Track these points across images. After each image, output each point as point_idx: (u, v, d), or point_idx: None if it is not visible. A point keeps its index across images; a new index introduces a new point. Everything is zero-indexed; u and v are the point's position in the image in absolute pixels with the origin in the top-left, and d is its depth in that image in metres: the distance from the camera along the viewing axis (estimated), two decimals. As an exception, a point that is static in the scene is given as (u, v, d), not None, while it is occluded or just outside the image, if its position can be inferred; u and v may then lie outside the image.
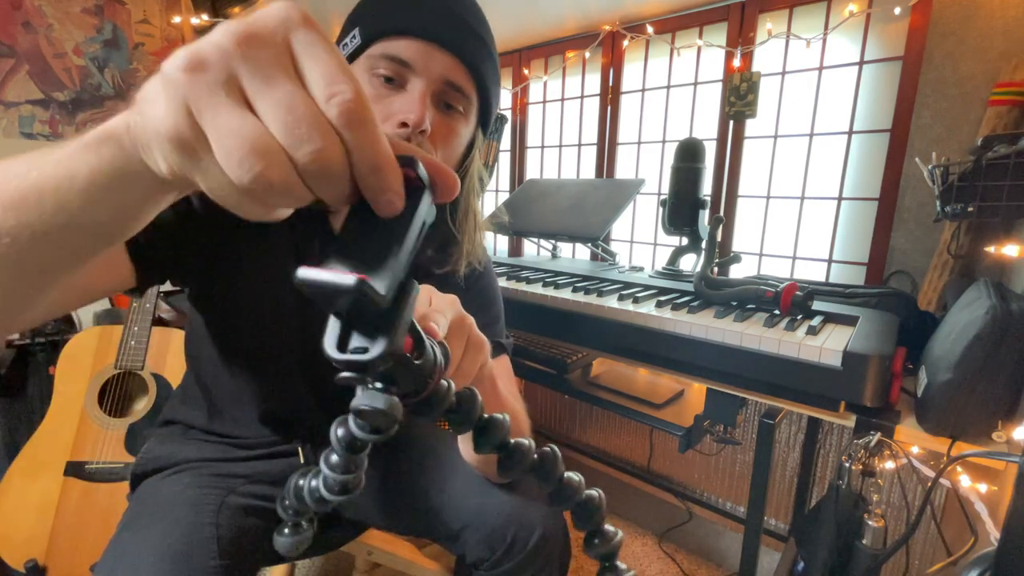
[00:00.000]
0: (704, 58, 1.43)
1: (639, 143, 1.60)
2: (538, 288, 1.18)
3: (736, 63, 1.34)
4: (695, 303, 1.01)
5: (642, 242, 1.66)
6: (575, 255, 1.75)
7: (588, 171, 1.73)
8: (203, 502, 0.62)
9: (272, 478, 0.70)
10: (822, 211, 1.30)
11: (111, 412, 1.26)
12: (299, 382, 0.69)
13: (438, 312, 0.39)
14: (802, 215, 1.33)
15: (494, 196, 2.00)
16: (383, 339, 0.23)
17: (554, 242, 1.62)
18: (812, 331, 0.84)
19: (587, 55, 1.62)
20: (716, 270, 1.16)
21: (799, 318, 0.92)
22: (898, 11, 1.12)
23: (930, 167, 0.92)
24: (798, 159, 1.32)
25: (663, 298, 1.06)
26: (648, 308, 1.00)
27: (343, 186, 0.21)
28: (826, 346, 0.79)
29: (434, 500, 0.69)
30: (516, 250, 1.89)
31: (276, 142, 0.20)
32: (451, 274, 0.72)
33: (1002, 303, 0.69)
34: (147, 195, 0.26)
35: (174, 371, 1.31)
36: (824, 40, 1.23)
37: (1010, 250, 0.87)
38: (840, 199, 1.26)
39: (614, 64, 1.58)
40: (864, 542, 0.77)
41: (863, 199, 1.23)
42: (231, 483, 0.67)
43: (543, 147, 1.86)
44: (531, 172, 1.92)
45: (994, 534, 0.72)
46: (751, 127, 1.37)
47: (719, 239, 1.32)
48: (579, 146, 1.74)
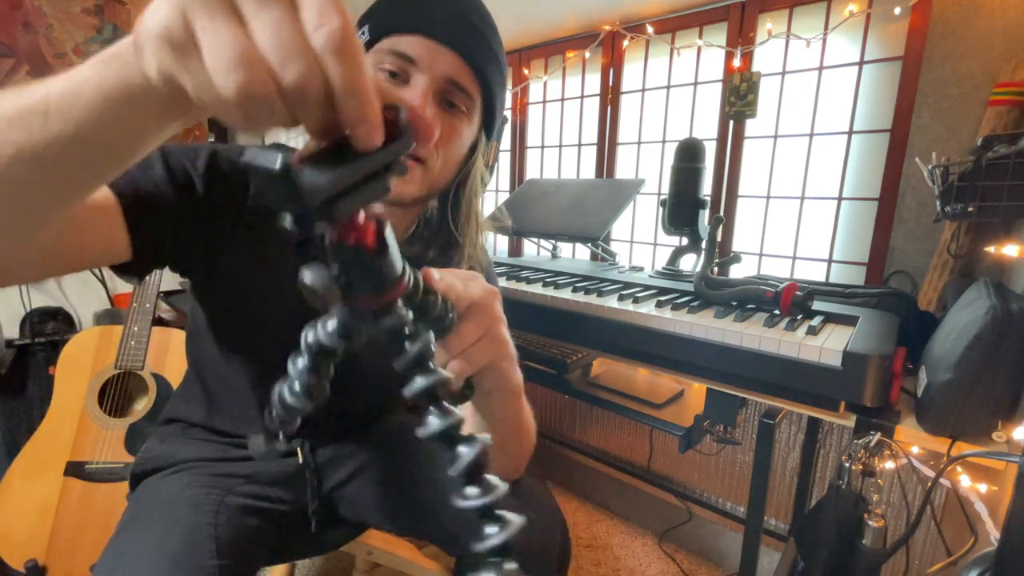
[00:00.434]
0: (704, 58, 1.43)
1: (639, 143, 1.60)
2: (538, 288, 1.18)
3: (736, 63, 1.34)
4: (695, 303, 1.01)
5: (642, 242, 1.66)
6: (575, 255, 1.75)
7: (588, 171, 1.73)
8: (202, 502, 0.62)
9: (271, 478, 0.70)
10: (822, 211, 1.30)
11: (111, 412, 1.26)
12: None
13: (456, 276, 0.39)
14: (802, 215, 1.33)
15: (494, 196, 2.00)
16: (330, 173, 0.22)
17: (554, 242, 1.62)
18: (812, 331, 0.84)
19: (587, 55, 1.62)
20: (716, 270, 1.16)
21: (799, 318, 0.92)
22: (898, 11, 1.12)
23: (930, 167, 0.92)
24: (798, 159, 1.32)
25: (663, 298, 1.06)
26: (648, 308, 1.00)
27: (321, 111, 0.22)
28: (826, 346, 0.79)
29: (433, 502, 0.69)
30: (516, 250, 1.89)
31: (263, 58, 0.21)
32: None
33: (1002, 303, 0.69)
34: (148, 114, 0.27)
35: (174, 371, 1.31)
36: (824, 40, 1.23)
37: (1010, 250, 0.87)
38: (840, 199, 1.26)
39: (614, 64, 1.58)
40: (864, 542, 0.76)
41: (863, 199, 1.23)
42: (230, 483, 0.67)
43: (543, 147, 1.86)
44: (531, 172, 1.92)
45: (994, 534, 0.72)
46: (751, 127, 1.37)
47: (719, 239, 1.32)
48: (579, 146, 1.74)
